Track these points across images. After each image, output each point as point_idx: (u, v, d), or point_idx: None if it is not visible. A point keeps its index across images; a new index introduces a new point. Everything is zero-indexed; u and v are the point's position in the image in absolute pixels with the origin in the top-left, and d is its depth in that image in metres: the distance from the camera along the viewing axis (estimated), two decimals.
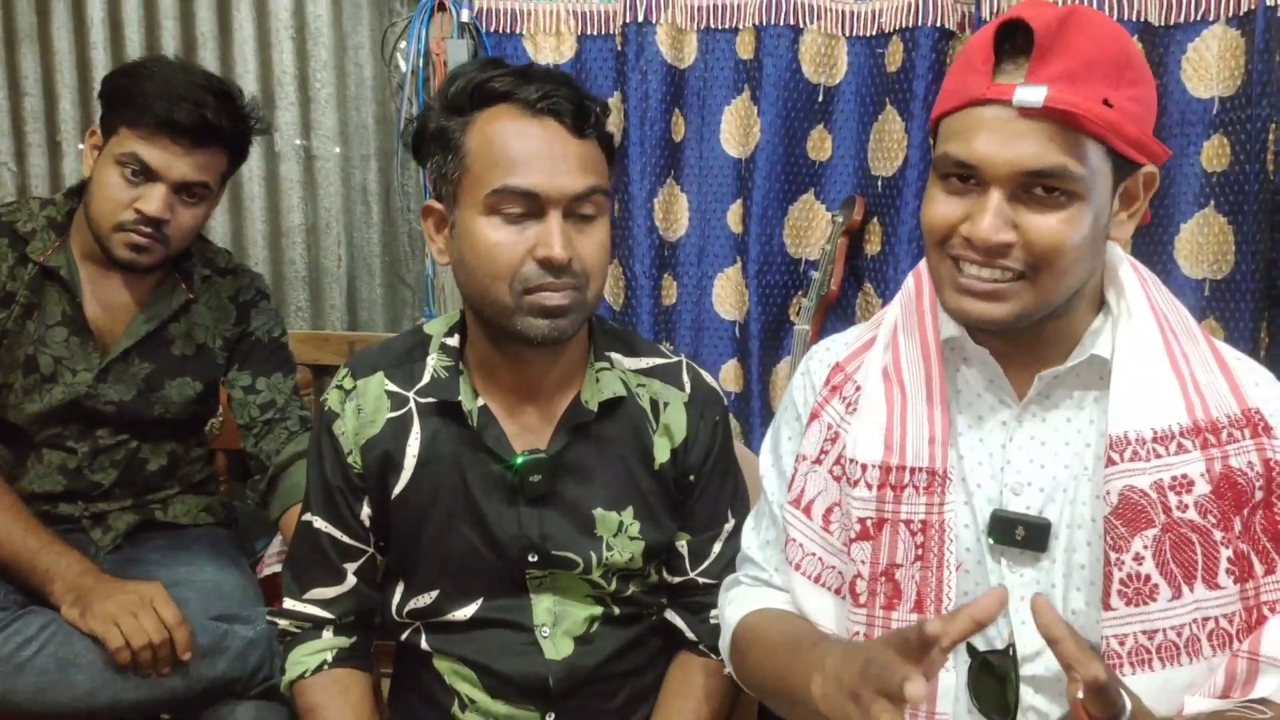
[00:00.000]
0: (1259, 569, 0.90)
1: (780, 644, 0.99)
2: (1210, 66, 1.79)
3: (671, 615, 1.22)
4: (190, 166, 1.47)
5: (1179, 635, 0.89)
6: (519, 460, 1.11)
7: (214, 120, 1.47)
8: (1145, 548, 0.89)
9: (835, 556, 1.01)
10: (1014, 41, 0.87)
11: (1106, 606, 0.90)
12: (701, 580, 1.20)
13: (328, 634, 1.18)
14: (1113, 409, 0.92)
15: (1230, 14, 1.75)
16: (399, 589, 1.18)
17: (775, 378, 2.02)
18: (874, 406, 0.99)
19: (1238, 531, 0.89)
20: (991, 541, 0.96)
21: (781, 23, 1.91)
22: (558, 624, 1.14)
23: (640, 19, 1.92)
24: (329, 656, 1.16)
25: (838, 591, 1.01)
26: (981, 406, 1.00)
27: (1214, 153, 1.80)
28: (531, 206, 1.03)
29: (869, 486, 0.97)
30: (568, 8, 1.99)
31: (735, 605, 1.09)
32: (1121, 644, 0.89)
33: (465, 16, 1.98)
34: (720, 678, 1.19)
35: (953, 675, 0.95)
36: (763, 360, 2.00)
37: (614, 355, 1.18)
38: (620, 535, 1.14)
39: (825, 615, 1.02)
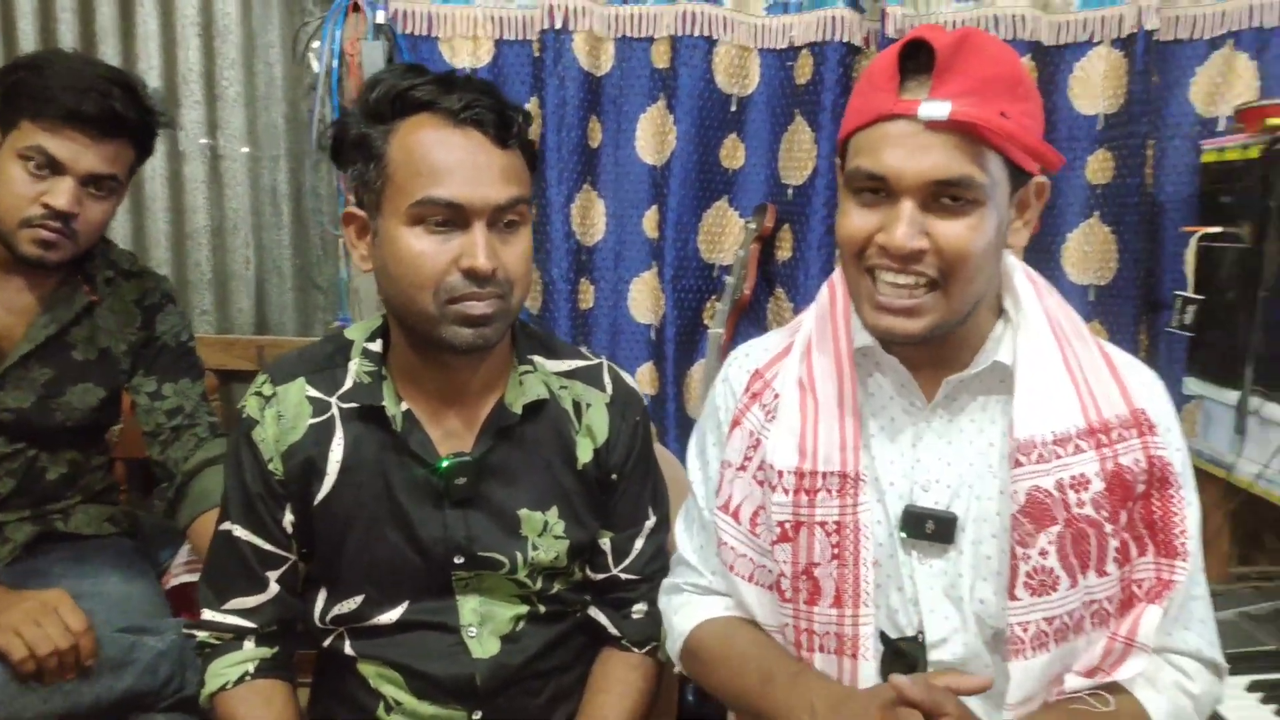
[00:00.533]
0: (1134, 553, 0.97)
1: (750, 667, 1.04)
2: (1095, 85, 1.90)
3: (595, 612, 1.24)
4: (98, 158, 1.43)
5: (1071, 618, 0.96)
6: (444, 464, 1.11)
7: (121, 111, 1.43)
8: (1050, 543, 0.95)
9: (764, 557, 1.05)
10: (916, 61, 0.92)
11: (1012, 597, 0.95)
12: (624, 576, 1.22)
13: (249, 644, 1.16)
14: (1017, 414, 0.97)
15: (1114, 36, 1.87)
16: (320, 596, 1.17)
17: (690, 380, 2.07)
18: (789, 415, 1.04)
19: (1123, 523, 0.96)
20: (904, 535, 1.01)
21: (697, 33, 1.95)
22: (484, 624, 1.15)
23: (559, 26, 1.94)
24: (250, 668, 1.15)
25: (769, 588, 1.05)
26: (893, 410, 1.05)
27: (1098, 166, 1.91)
28: (455, 217, 1.03)
29: (786, 491, 1.02)
30: (485, 13, 1.99)
31: (684, 614, 1.12)
32: (1025, 630, 0.95)
33: (381, 18, 1.96)
34: (642, 671, 1.22)
35: (871, 663, 0.99)
36: (678, 363, 2.04)
37: (536, 358, 1.20)
38: (545, 535, 1.16)
39: (764, 609, 1.07)
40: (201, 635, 1.17)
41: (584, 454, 1.18)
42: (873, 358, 1.05)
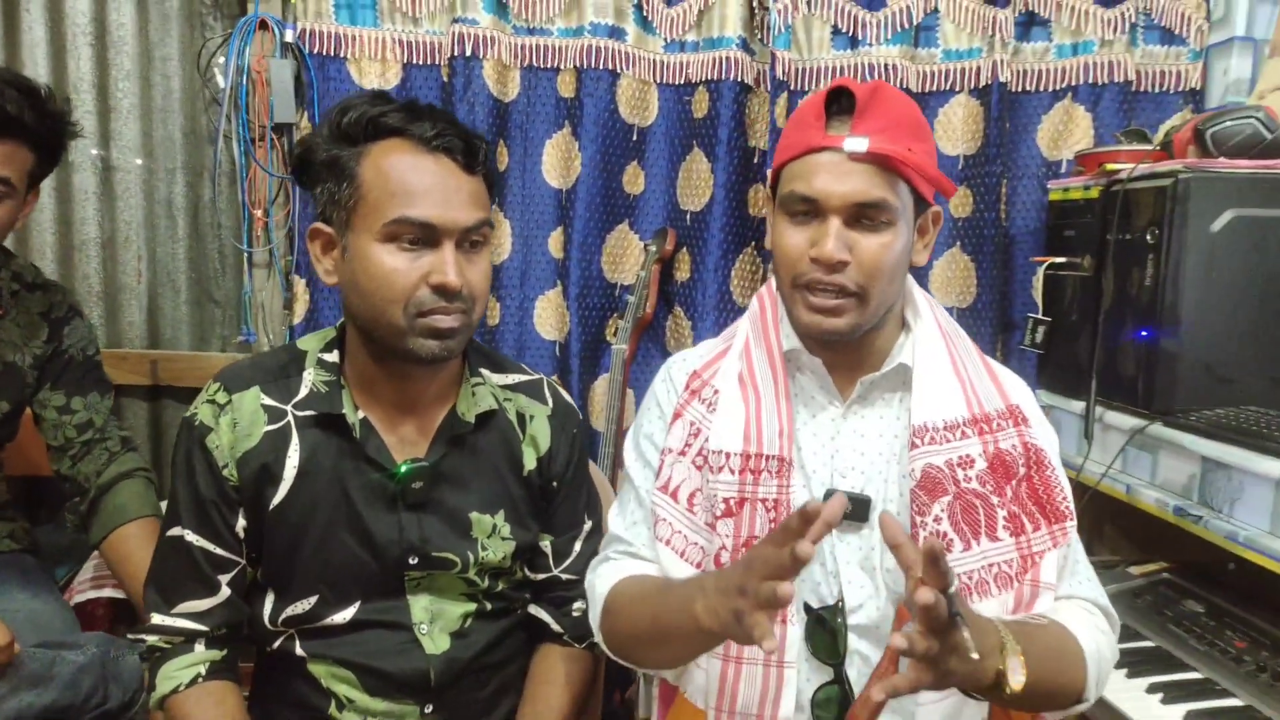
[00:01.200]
0: (1029, 526, 1.14)
1: (652, 591, 1.13)
2: (957, 129, 2.12)
3: (536, 610, 1.31)
4: None
5: (970, 579, 1.11)
6: (403, 469, 1.17)
7: (14, 112, 1.42)
8: (943, 511, 1.11)
9: (698, 534, 1.17)
10: (839, 104, 1.09)
11: None
12: (564, 576, 1.31)
13: (199, 647, 1.18)
14: (915, 405, 1.14)
15: (973, 86, 2.10)
16: (268, 600, 1.20)
17: (594, 394, 2.16)
18: (733, 406, 1.17)
19: (1009, 497, 1.13)
20: None
21: (601, 66, 2.06)
22: (435, 621, 1.21)
23: (468, 54, 2.01)
24: (202, 669, 1.17)
25: (698, 565, 1.16)
26: (815, 406, 1.19)
27: (960, 201, 2.13)
28: (427, 236, 1.10)
29: (732, 472, 1.14)
30: (393, 36, 2.05)
31: (605, 578, 1.20)
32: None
33: (289, 37, 1.99)
34: (582, 664, 1.30)
35: (797, 628, 1.12)
36: (582, 378, 2.14)
37: (484, 371, 1.27)
38: (493, 537, 1.23)
39: None
40: (151, 639, 1.18)
41: (529, 462, 1.26)
42: (797, 360, 1.19)
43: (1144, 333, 1.69)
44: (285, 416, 1.18)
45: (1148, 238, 1.67)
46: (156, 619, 1.19)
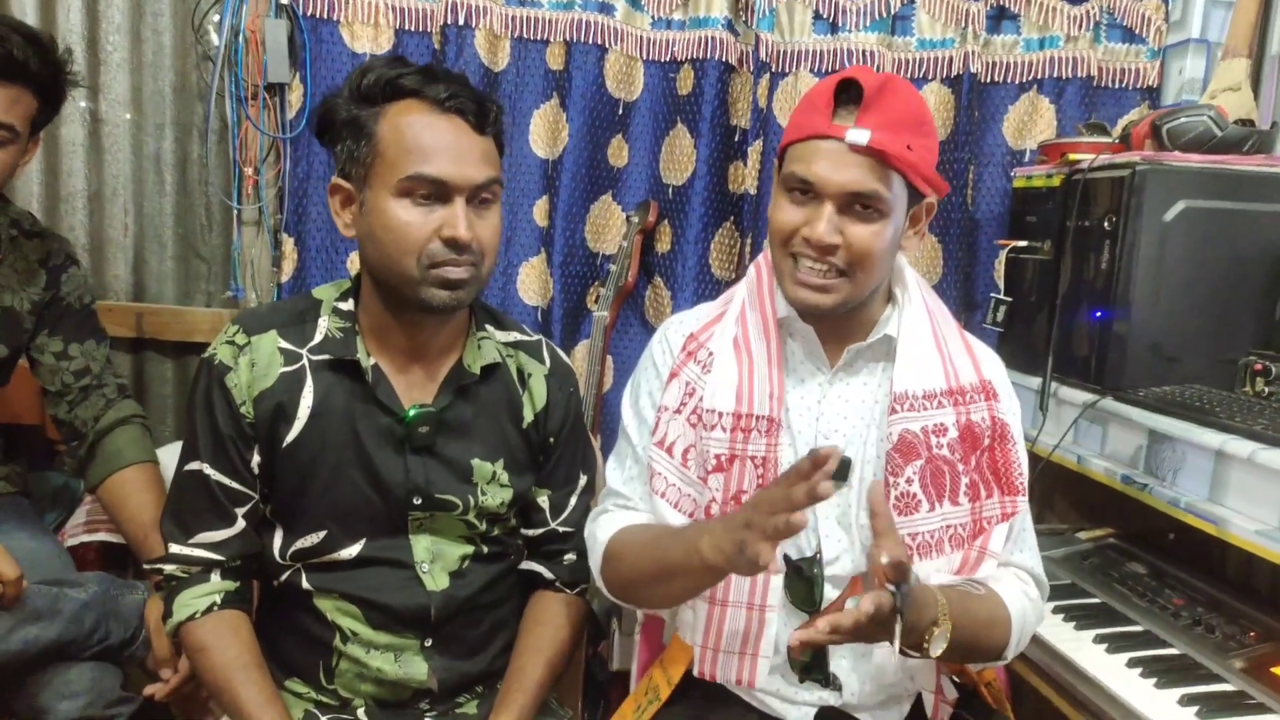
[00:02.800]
0: (984, 494, 1.24)
1: (655, 536, 1.22)
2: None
3: (529, 564, 1.39)
4: None
5: (931, 538, 1.21)
6: (412, 413, 1.24)
7: (20, 57, 1.44)
8: (915, 473, 1.21)
9: (690, 487, 1.25)
10: (848, 94, 1.14)
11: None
12: (561, 529, 1.38)
13: (215, 577, 1.24)
14: (896, 374, 1.23)
15: (945, 75, 2.19)
16: (277, 535, 1.26)
17: (574, 359, 2.22)
18: (727, 368, 1.25)
19: (973, 465, 1.23)
20: None
21: (590, 41, 2.12)
22: (435, 560, 1.28)
23: (461, 22, 2.05)
24: (218, 599, 1.22)
25: (689, 515, 1.25)
26: (803, 371, 1.28)
27: None
28: (439, 192, 1.16)
29: (724, 430, 1.22)
30: (386, 1, 2.08)
31: (605, 527, 1.28)
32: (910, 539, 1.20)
33: None
34: (575, 607, 1.38)
35: (778, 578, 1.21)
36: (563, 343, 2.20)
37: (489, 326, 1.34)
38: (493, 483, 1.30)
39: None
40: (169, 569, 1.24)
41: (528, 415, 1.34)
42: (789, 327, 1.28)
43: (1098, 314, 1.79)
44: (300, 360, 1.23)
45: (1105, 225, 1.77)
46: (175, 548, 1.24)
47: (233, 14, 2.01)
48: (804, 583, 1.23)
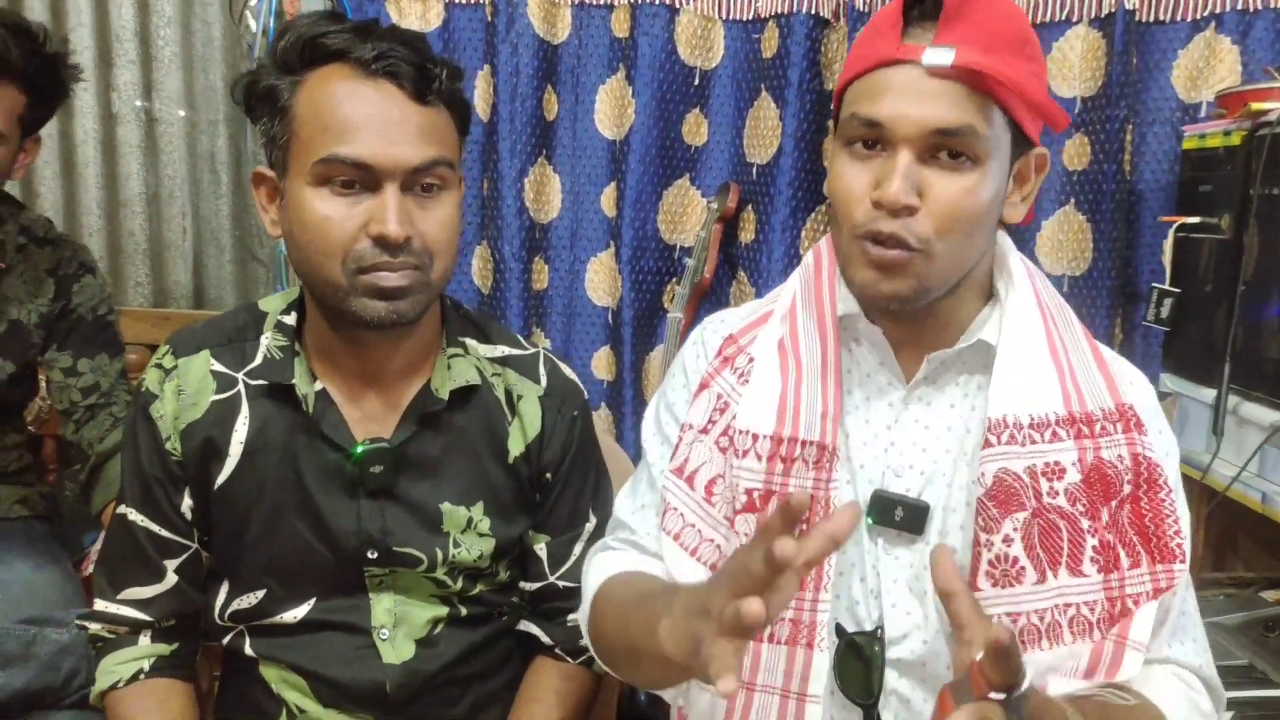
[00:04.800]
0: (1125, 561, 0.90)
1: (632, 600, 0.93)
2: (1073, 66, 1.82)
3: (526, 625, 1.16)
4: None
5: (1041, 619, 0.88)
6: (359, 449, 1.02)
7: (1, 51, 1.33)
8: (1015, 530, 0.89)
9: (715, 530, 0.96)
10: (922, 7, 0.86)
11: (974, 587, 0.88)
12: (562, 584, 1.14)
13: (144, 640, 1.07)
14: (992, 393, 0.92)
15: (1092, 15, 1.79)
16: (222, 589, 1.08)
17: (649, 366, 1.98)
18: (768, 378, 0.96)
19: (1105, 522, 0.90)
20: (870, 521, 0.94)
21: (657, 1, 1.86)
22: (398, 625, 1.07)
23: None
24: (145, 665, 1.06)
25: (711, 567, 0.95)
26: (871, 387, 0.98)
27: (1075, 151, 1.84)
28: (365, 178, 0.94)
29: (759, 458, 0.94)
30: None
31: (598, 570, 1.02)
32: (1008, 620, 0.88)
33: None
34: (576, 681, 1.14)
35: (825, 655, 0.91)
36: (636, 348, 1.95)
37: (469, 341, 1.11)
38: (469, 532, 1.07)
39: None
40: (94, 628, 1.09)
41: (515, 447, 1.09)
42: (853, 329, 0.98)
43: None
44: (235, 385, 1.04)
45: None
46: (100, 605, 1.09)
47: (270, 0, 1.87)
48: (860, 664, 0.93)
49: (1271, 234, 1.44)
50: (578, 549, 1.14)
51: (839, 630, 0.94)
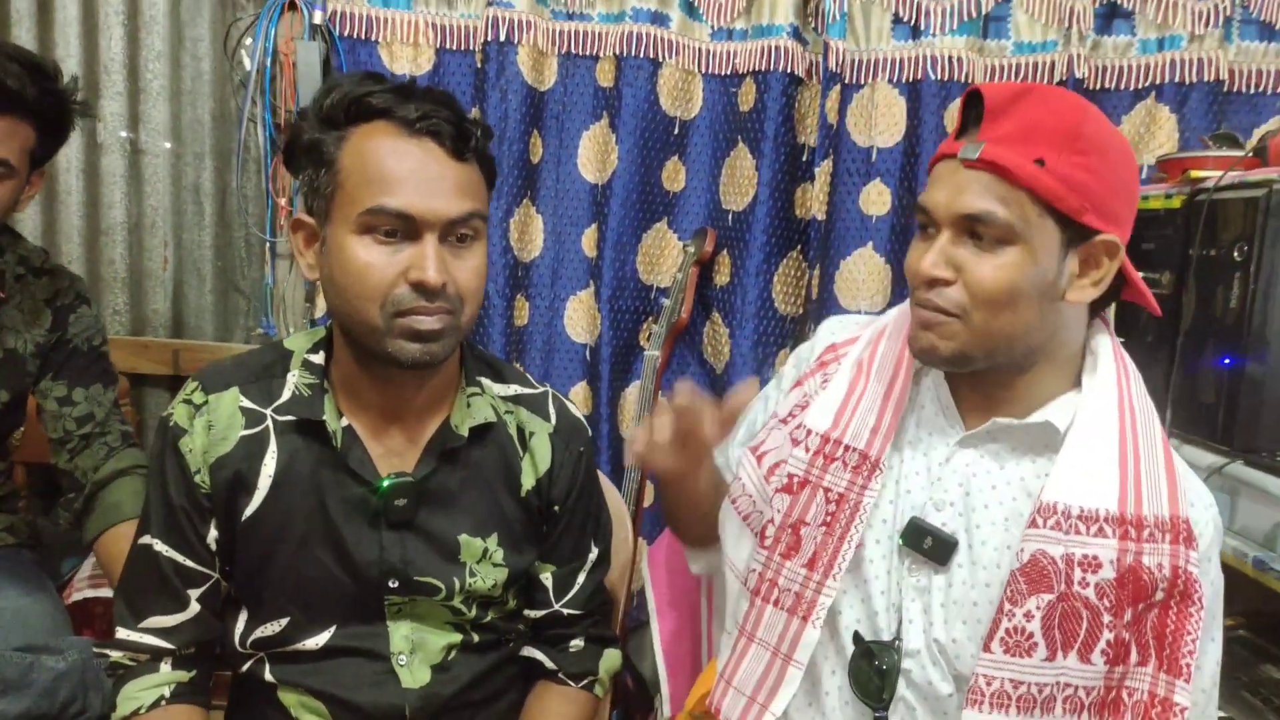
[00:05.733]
0: (1134, 658, 0.95)
1: None
2: None
3: (530, 650, 1.21)
4: None
5: (1040, 691, 0.95)
6: (385, 484, 1.07)
7: (15, 87, 1.35)
8: (1037, 609, 0.95)
9: (766, 504, 1.09)
10: (977, 110, 0.97)
11: (987, 648, 0.96)
12: (566, 612, 1.20)
13: (165, 667, 1.10)
14: (1052, 477, 0.97)
15: (1045, 82, 1.92)
16: (241, 617, 1.12)
17: (624, 402, 2.05)
18: (839, 386, 1.09)
19: (1126, 620, 0.95)
20: (900, 542, 1.03)
21: (641, 55, 1.95)
22: (415, 652, 1.11)
23: (502, 39, 1.91)
24: (166, 691, 1.09)
25: (757, 533, 1.08)
26: (931, 425, 1.07)
27: None
28: (406, 228, 1.00)
29: (807, 450, 1.07)
30: (426, 19, 1.96)
31: None
32: (989, 683, 0.96)
33: (318, 19, 1.91)
34: (578, 704, 1.20)
35: (816, 631, 1.03)
36: (612, 384, 2.02)
37: (484, 380, 1.17)
38: (484, 562, 1.13)
39: (739, 551, 1.11)
40: (115, 655, 1.11)
41: (527, 481, 1.16)
42: (929, 370, 1.08)
43: (1227, 359, 1.52)
44: (264, 421, 1.09)
45: (1235, 254, 1.50)
46: (122, 633, 1.11)
47: (266, 38, 1.92)
48: (873, 671, 1.02)
49: (1208, 292, 1.57)
50: (581, 578, 1.21)
51: (856, 637, 1.03)
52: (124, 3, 2.01)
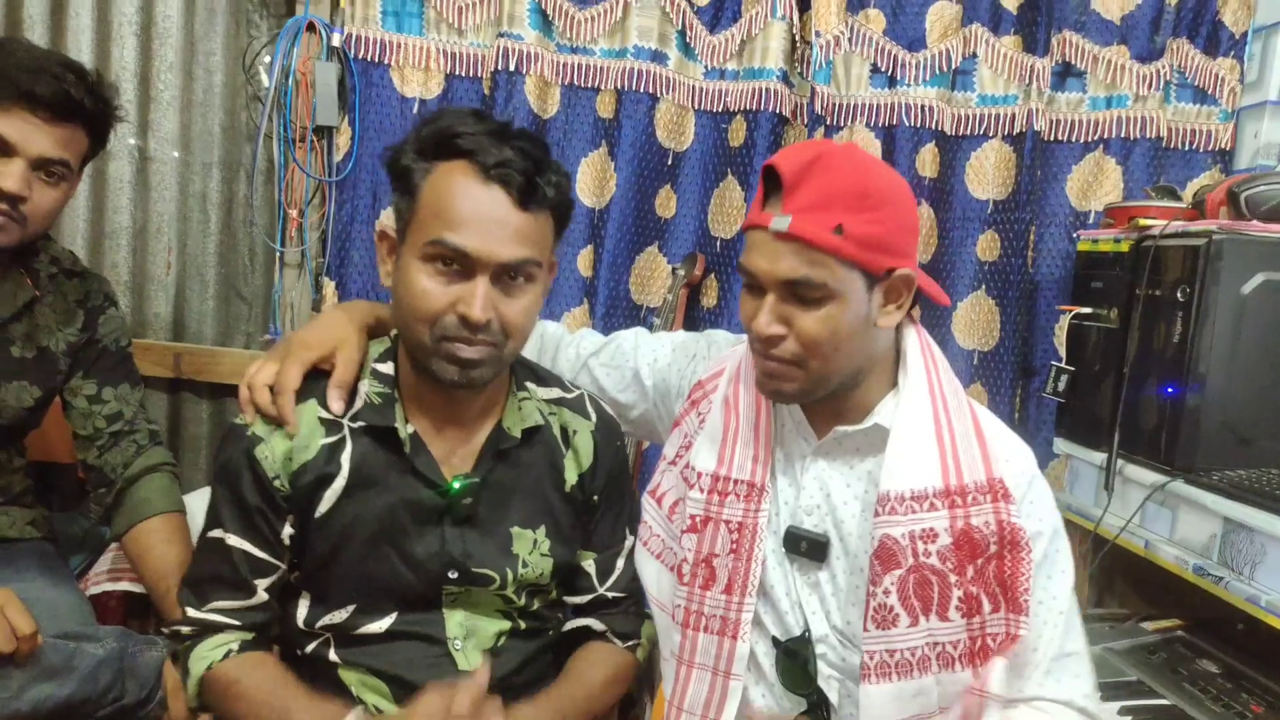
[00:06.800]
0: (987, 607, 1.09)
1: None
2: (988, 173, 2.14)
3: (578, 620, 1.32)
4: (51, 142, 1.40)
5: (913, 655, 1.10)
6: (456, 485, 1.17)
7: (75, 95, 1.41)
8: (893, 584, 1.10)
9: (674, 541, 1.23)
10: (776, 180, 1.07)
11: (865, 627, 1.11)
12: (611, 594, 1.32)
13: (229, 632, 1.17)
14: (883, 472, 1.12)
15: (1006, 132, 2.12)
16: (303, 604, 1.20)
17: None
18: (714, 427, 1.22)
19: (970, 576, 1.09)
20: (784, 550, 1.19)
21: (641, 89, 2.08)
22: (469, 637, 1.21)
23: (511, 68, 2.02)
24: (234, 646, 1.16)
25: (671, 569, 1.23)
26: (792, 442, 1.22)
27: (987, 245, 2.15)
28: (463, 264, 1.09)
29: (702, 490, 1.20)
30: (437, 46, 2.06)
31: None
32: (871, 658, 1.10)
33: (336, 41, 2.00)
34: (622, 657, 1.29)
35: (746, 645, 1.17)
36: None
37: (530, 385, 1.28)
38: (534, 552, 1.23)
39: (661, 588, 1.25)
40: (184, 630, 1.18)
41: (571, 477, 1.27)
42: None
43: (1169, 389, 1.70)
44: (341, 430, 1.18)
45: (1178, 295, 1.69)
46: (190, 613, 1.18)
47: (284, 56, 2.00)
48: (796, 665, 1.18)
49: (1151, 327, 1.76)
50: (620, 563, 1.32)
51: (775, 641, 1.20)
52: (138, 13, 2.07)
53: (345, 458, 1.17)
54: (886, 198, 1.07)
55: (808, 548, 1.17)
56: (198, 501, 1.64)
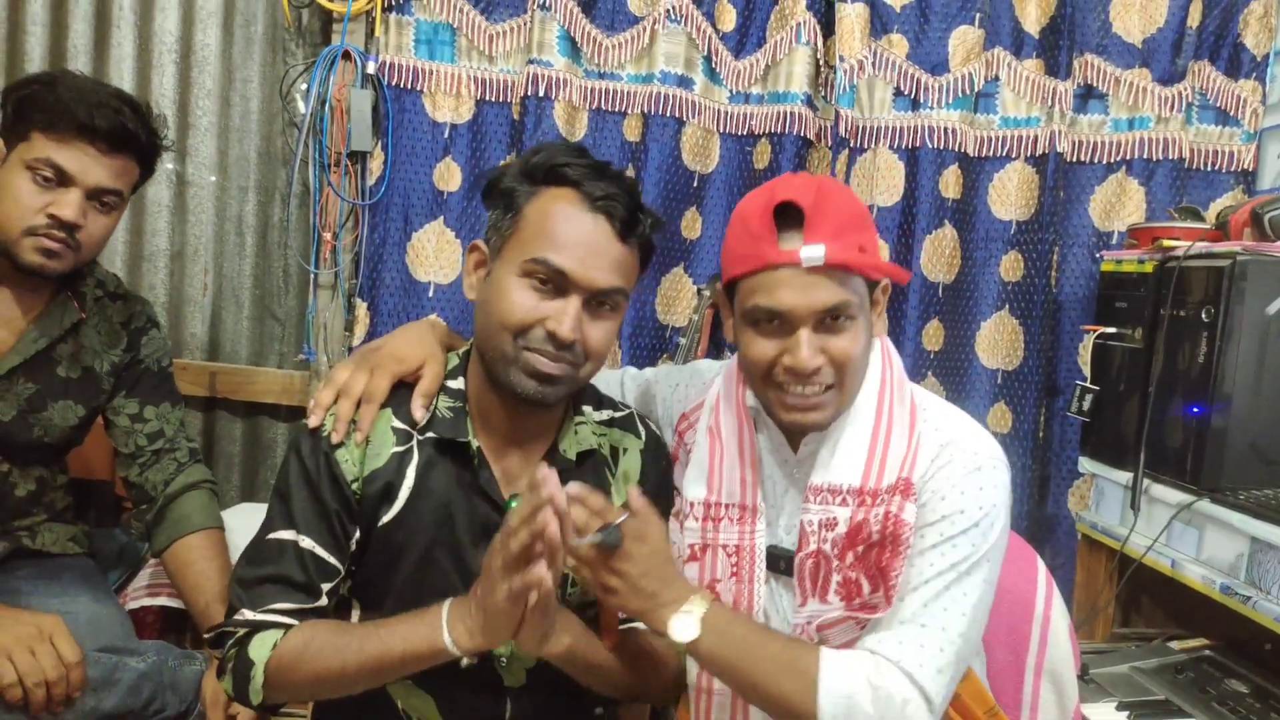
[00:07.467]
0: (866, 589, 1.14)
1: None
2: (1011, 195, 2.16)
3: (627, 624, 1.32)
4: (106, 172, 1.46)
5: (800, 633, 1.17)
6: (512, 503, 1.20)
7: (131, 128, 1.47)
8: (799, 563, 1.18)
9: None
10: (786, 217, 1.11)
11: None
12: None
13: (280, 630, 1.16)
14: (817, 466, 1.19)
15: (1029, 154, 2.14)
16: (354, 613, 1.23)
17: None
18: (701, 457, 1.26)
19: (849, 562, 1.15)
20: (765, 569, 1.23)
21: (667, 113, 2.11)
22: (514, 655, 1.23)
23: (541, 94, 2.06)
24: (289, 623, 1.15)
25: None
26: (771, 463, 1.26)
27: (1010, 265, 2.17)
28: (559, 283, 1.14)
29: (696, 519, 1.24)
30: (469, 73, 2.11)
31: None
32: (799, 631, 1.18)
33: (371, 69, 2.05)
34: (665, 646, 1.27)
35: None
36: None
37: (586, 408, 1.31)
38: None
39: None
40: (239, 632, 1.17)
41: (618, 497, 1.30)
42: (761, 417, 1.25)
43: (1194, 409, 1.71)
44: (411, 440, 1.22)
45: (1202, 315, 1.70)
46: (246, 614, 1.17)
47: (320, 83, 2.05)
48: None
49: (1176, 347, 1.77)
50: None
51: None
52: (178, 42, 2.13)
53: (412, 469, 1.21)
54: (866, 213, 1.18)
55: (784, 564, 1.22)
56: (233, 520, 1.68)
